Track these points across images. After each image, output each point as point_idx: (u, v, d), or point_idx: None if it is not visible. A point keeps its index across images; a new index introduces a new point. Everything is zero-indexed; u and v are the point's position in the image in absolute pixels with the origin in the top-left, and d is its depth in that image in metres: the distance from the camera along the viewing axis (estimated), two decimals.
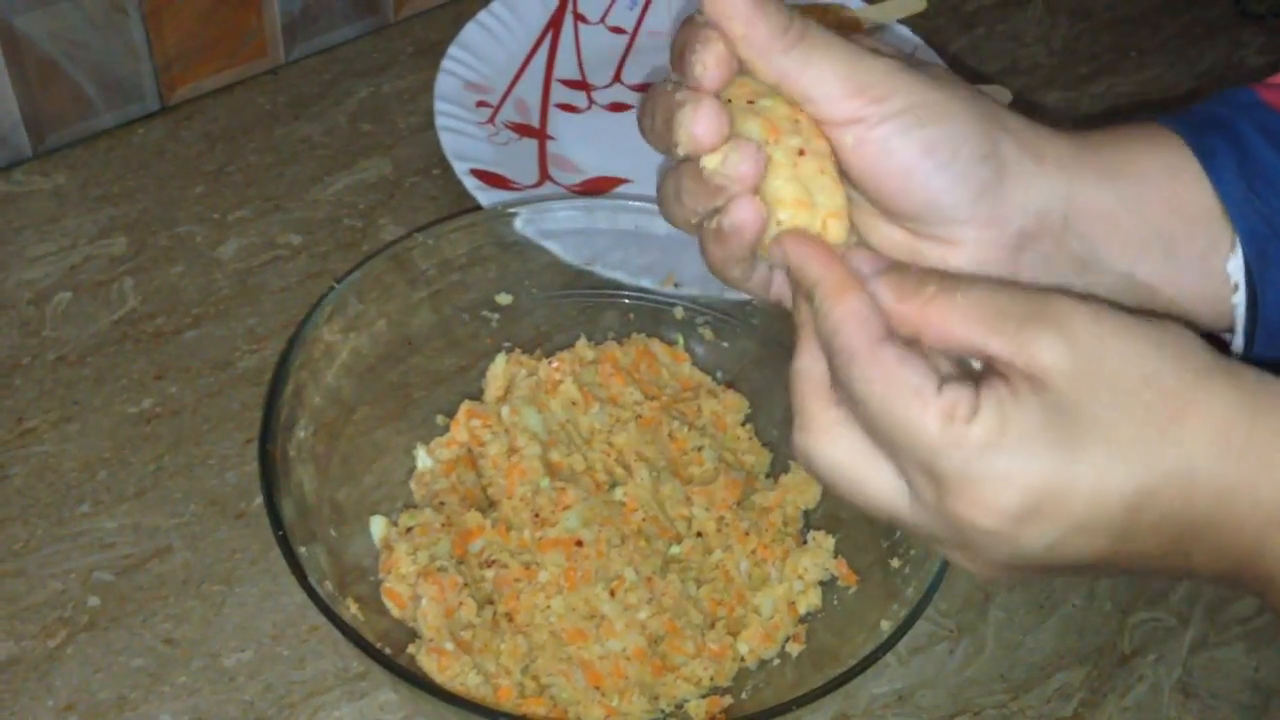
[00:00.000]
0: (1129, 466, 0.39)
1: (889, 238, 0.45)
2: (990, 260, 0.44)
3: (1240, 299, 0.47)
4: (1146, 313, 0.41)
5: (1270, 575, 0.41)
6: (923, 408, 0.39)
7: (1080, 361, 0.39)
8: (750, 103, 0.43)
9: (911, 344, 0.41)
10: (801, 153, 0.43)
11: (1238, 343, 0.48)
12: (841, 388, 0.41)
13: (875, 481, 0.41)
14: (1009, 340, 0.39)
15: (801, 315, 0.43)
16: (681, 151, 0.42)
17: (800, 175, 0.43)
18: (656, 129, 0.44)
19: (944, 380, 0.40)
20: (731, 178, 0.42)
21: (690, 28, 0.43)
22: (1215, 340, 0.45)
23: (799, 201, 0.43)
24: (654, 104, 0.44)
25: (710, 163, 0.42)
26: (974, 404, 0.39)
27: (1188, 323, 0.42)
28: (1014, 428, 0.39)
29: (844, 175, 0.44)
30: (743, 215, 0.42)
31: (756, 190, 0.43)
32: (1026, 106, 0.46)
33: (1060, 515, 0.39)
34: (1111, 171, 0.46)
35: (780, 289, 0.47)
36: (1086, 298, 0.41)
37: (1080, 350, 0.39)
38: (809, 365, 0.42)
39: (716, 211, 0.43)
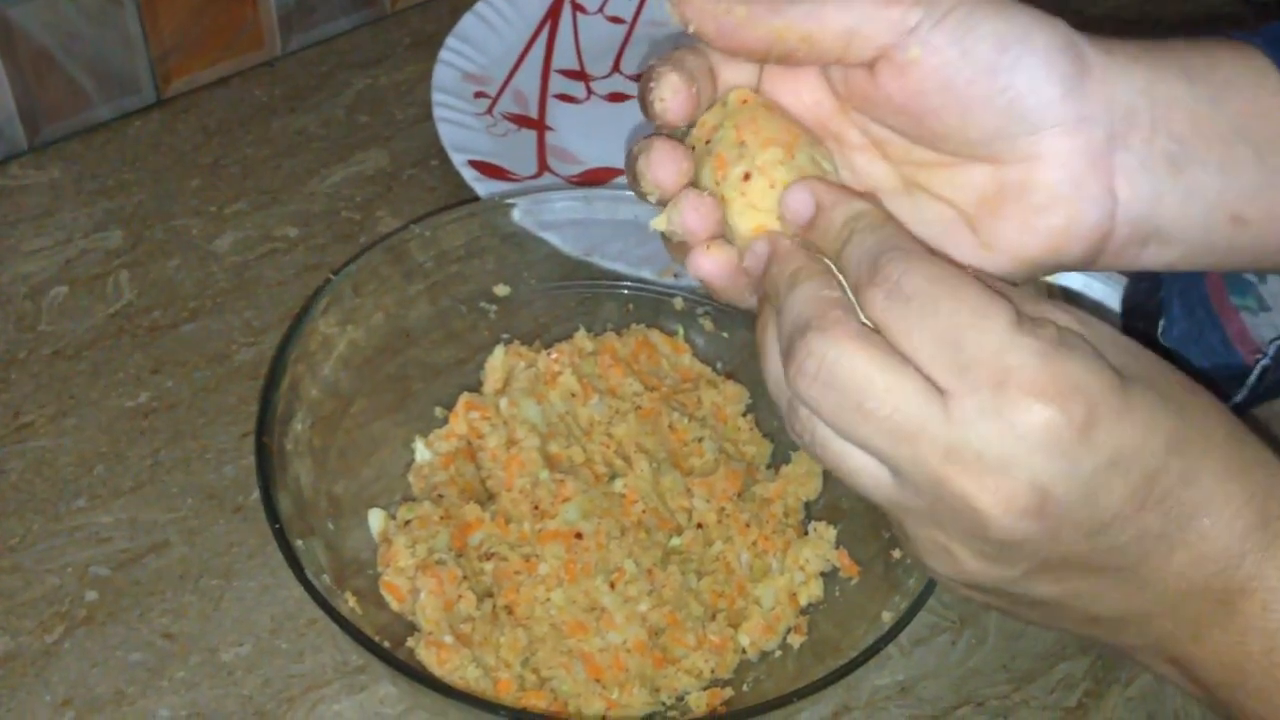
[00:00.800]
0: (1167, 415, 0.38)
1: (968, 186, 0.42)
2: (1087, 174, 0.41)
3: None
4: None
5: (1239, 593, 0.40)
6: (988, 304, 0.37)
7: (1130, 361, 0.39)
8: (707, 142, 0.43)
9: None
10: (746, 176, 0.42)
11: None
12: (881, 298, 0.38)
13: (902, 391, 0.37)
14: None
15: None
16: (653, 200, 0.42)
17: (752, 201, 0.42)
18: (641, 189, 0.44)
19: None
20: (684, 233, 0.42)
21: (646, 74, 0.42)
22: None
23: (759, 227, 0.42)
24: (629, 167, 0.44)
25: (658, 224, 0.42)
26: (1046, 323, 0.38)
27: None
28: (1082, 351, 0.37)
29: (911, 118, 0.41)
30: (704, 269, 0.42)
31: (715, 235, 0.43)
32: None
33: (1115, 430, 0.37)
34: (1189, 70, 0.43)
35: None
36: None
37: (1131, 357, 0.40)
38: (823, 289, 0.39)
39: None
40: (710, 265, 0.42)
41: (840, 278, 0.40)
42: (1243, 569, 0.40)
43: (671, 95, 0.41)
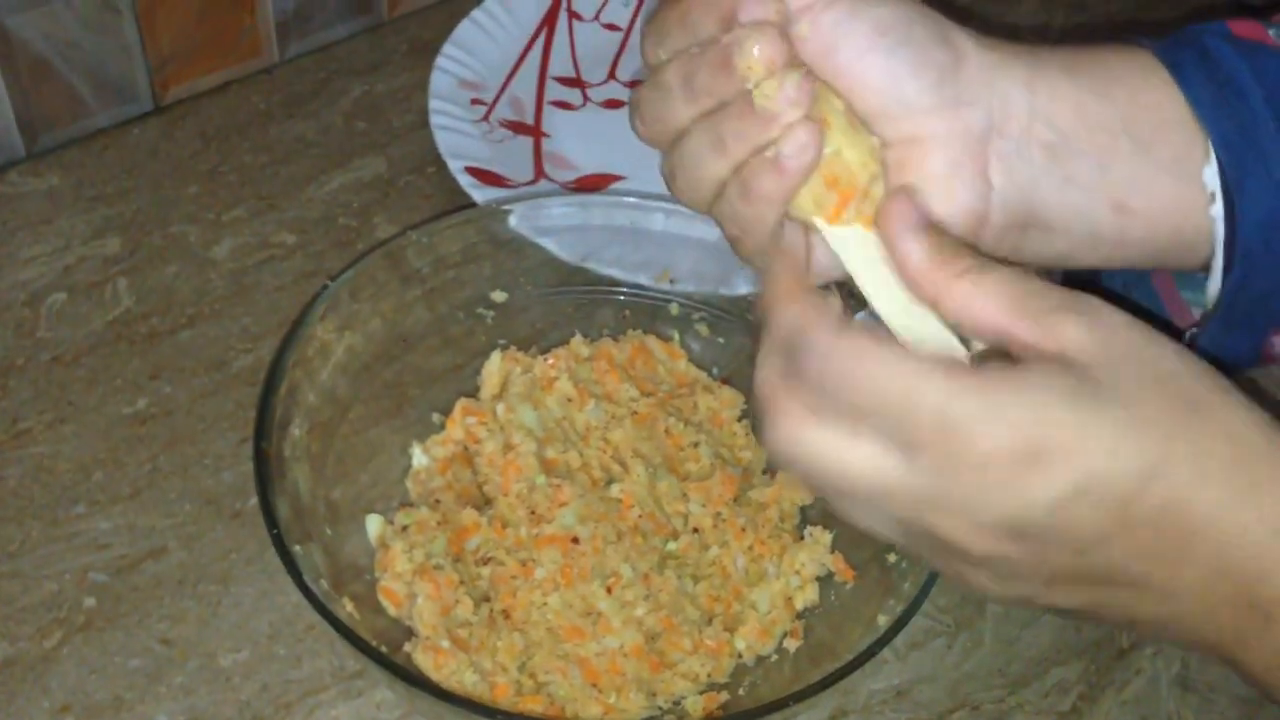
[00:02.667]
0: (1145, 440, 0.37)
1: None
2: (962, 158, 0.43)
3: (1218, 211, 0.46)
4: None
5: (1272, 603, 0.39)
6: (916, 366, 0.38)
7: (1108, 347, 0.38)
8: None
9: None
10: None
11: (1216, 264, 0.47)
12: (815, 376, 0.39)
13: (856, 456, 0.39)
14: (1035, 324, 0.39)
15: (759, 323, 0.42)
16: (748, 80, 0.42)
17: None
18: (698, 85, 0.43)
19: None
20: (791, 100, 0.42)
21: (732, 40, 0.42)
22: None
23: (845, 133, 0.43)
24: (687, 68, 0.43)
25: (768, 89, 0.42)
26: (975, 363, 0.39)
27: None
28: (1031, 383, 0.37)
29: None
30: (803, 136, 0.42)
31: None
32: None
33: (1070, 467, 0.37)
34: (1073, 66, 0.45)
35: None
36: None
37: (1108, 338, 0.38)
38: (770, 364, 0.40)
39: (759, 151, 0.43)
40: (813, 135, 0.42)
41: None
42: (1273, 581, 0.39)
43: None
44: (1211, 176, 0.46)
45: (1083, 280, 0.54)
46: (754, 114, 0.42)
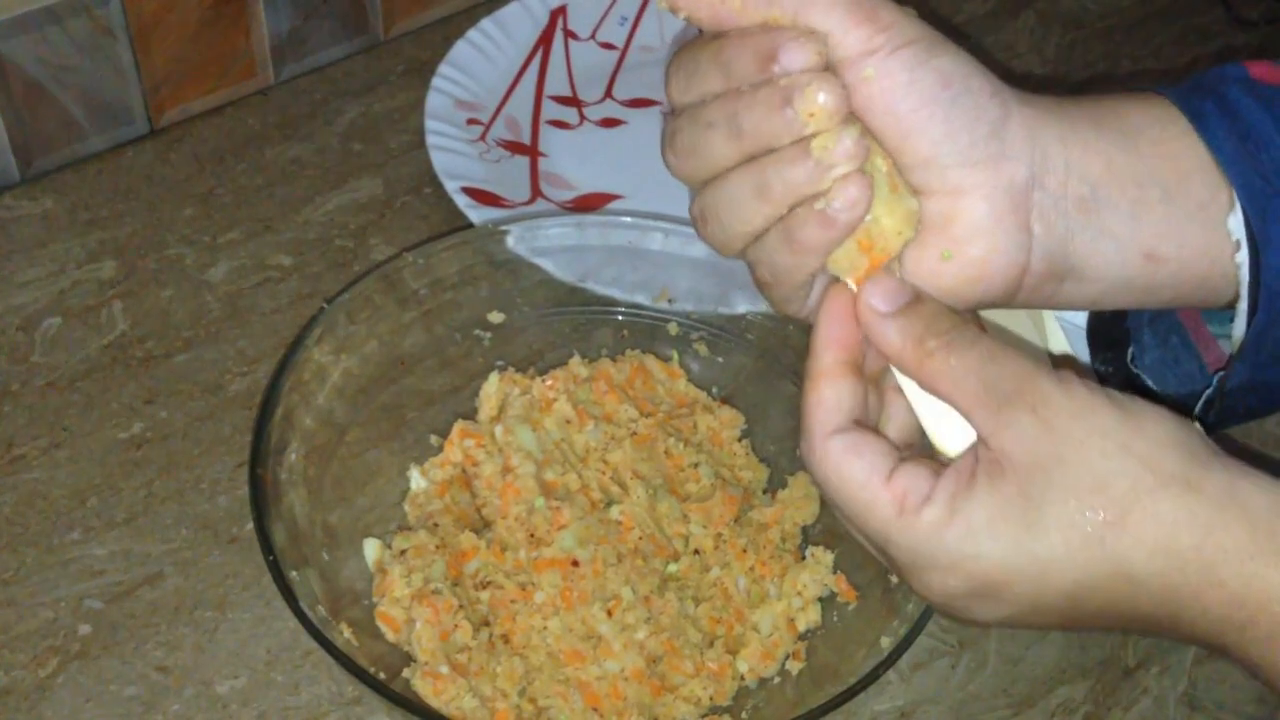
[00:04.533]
0: (1067, 566, 0.41)
1: None
2: (1005, 210, 0.44)
3: (1243, 257, 0.47)
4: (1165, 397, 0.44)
5: (1246, 663, 0.42)
6: (871, 499, 0.42)
7: (1043, 456, 0.41)
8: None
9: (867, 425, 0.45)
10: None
11: (1241, 308, 0.48)
12: (807, 460, 0.45)
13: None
14: (989, 418, 0.42)
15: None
16: (810, 127, 0.42)
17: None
18: (747, 125, 0.42)
19: (900, 462, 0.43)
20: (849, 154, 0.42)
21: (742, 36, 0.42)
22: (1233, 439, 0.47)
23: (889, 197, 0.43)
24: (734, 105, 0.42)
25: (827, 140, 0.41)
26: (926, 493, 0.42)
27: (1187, 410, 0.44)
28: (961, 519, 0.41)
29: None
30: (855, 192, 0.42)
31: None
32: None
33: (1006, 600, 0.42)
34: (1099, 121, 0.46)
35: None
36: (1075, 378, 0.42)
37: (1048, 443, 0.41)
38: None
39: (805, 202, 0.43)
40: (864, 190, 0.42)
41: None
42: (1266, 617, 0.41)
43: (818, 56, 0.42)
44: (1236, 225, 0.47)
45: (1103, 326, 0.55)
46: (807, 162, 0.42)
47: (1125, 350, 0.56)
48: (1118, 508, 0.41)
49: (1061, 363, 0.53)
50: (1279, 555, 0.40)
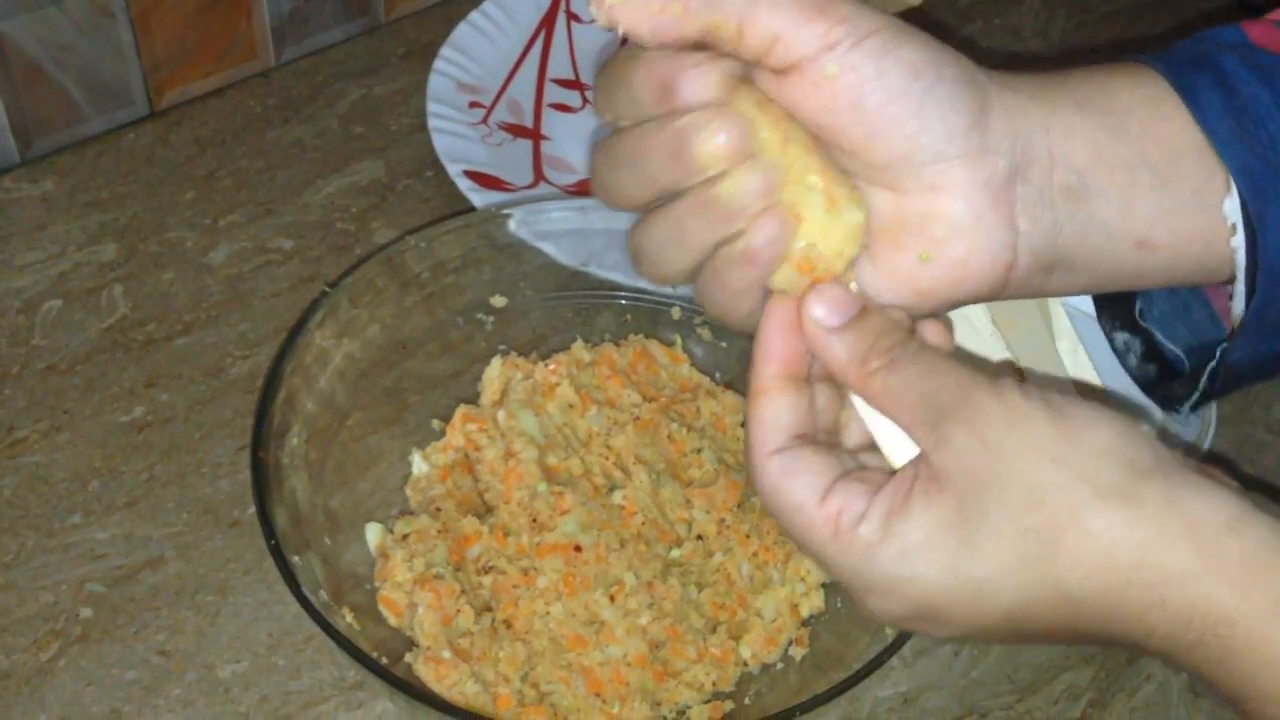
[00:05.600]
0: (1003, 587, 0.40)
1: (873, 207, 0.42)
2: (987, 206, 0.42)
3: (1239, 241, 0.45)
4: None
5: (1200, 680, 0.40)
6: (807, 521, 0.41)
7: (979, 472, 0.39)
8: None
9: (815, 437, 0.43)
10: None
11: (1239, 290, 0.46)
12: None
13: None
14: (927, 434, 0.40)
15: None
16: (708, 171, 0.40)
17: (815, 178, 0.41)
18: (650, 170, 0.41)
19: (838, 480, 0.41)
20: (757, 194, 0.40)
21: (647, 62, 0.40)
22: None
23: (829, 202, 0.41)
24: (636, 147, 0.41)
25: (730, 185, 0.40)
26: (860, 512, 0.40)
27: (1137, 412, 0.41)
28: (896, 540, 0.40)
29: (818, 133, 0.41)
30: (772, 228, 0.40)
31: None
32: None
33: (946, 622, 0.41)
34: (1085, 103, 0.44)
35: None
36: (1013, 388, 0.40)
37: (984, 458, 0.39)
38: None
39: (727, 241, 0.41)
40: (780, 227, 0.41)
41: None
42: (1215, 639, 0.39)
43: (718, 83, 0.40)
44: (1232, 208, 0.45)
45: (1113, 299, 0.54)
46: (716, 209, 0.40)
47: (1133, 305, 0.53)
48: (1052, 525, 0.39)
49: (1002, 369, 0.52)
50: (1225, 573, 0.38)
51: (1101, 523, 0.38)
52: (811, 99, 0.40)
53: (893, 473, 0.42)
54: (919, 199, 0.42)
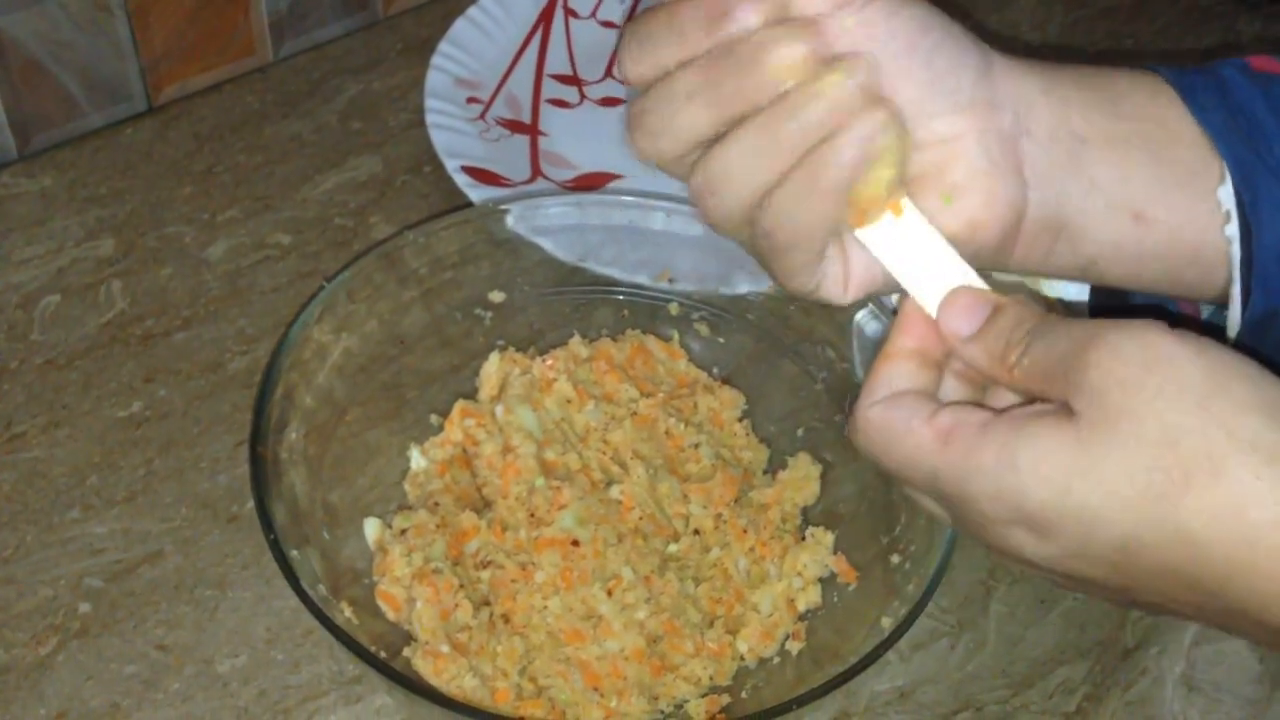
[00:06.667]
0: (1120, 518, 0.38)
1: None
2: (999, 155, 0.43)
3: (1234, 231, 0.46)
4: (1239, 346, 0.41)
5: None
6: (916, 440, 0.41)
7: (1112, 408, 0.38)
8: None
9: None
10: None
11: (1235, 290, 0.47)
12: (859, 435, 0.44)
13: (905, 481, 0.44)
14: (1064, 386, 0.40)
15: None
16: (788, 83, 0.41)
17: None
18: (723, 93, 0.41)
19: (945, 406, 0.42)
20: (861, 88, 0.41)
21: (691, 3, 0.41)
22: None
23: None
24: (702, 76, 0.41)
25: (833, 80, 0.40)
26: (976, 422, 0.41)
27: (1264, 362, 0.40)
28: (1012, 452, 0.39)
29: None
30: (881, 115, 0.41)
31: None
32: None
33: (1052, 540, 0.40)
34: (1083, 80, 0.46)
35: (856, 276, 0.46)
36: (1161, 331, 0.39)
37: (1117, 395, 0.38)
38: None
39: (825, 144, 0.41)
40: (882, 120, 0.42)
41: None
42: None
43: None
44: (1226, 195, 0.46)
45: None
46: (819, 105, 0.41)
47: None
48: (1185, 466, 0.37)
49: (1151, 312, 0.52)
50: None
51: (1239, 473, 0.37)
52: (831, 53, 0.42)
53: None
54: (936, 150, 0.43)
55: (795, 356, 0.65)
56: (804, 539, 0.61)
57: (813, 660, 0.57)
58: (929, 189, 0.44)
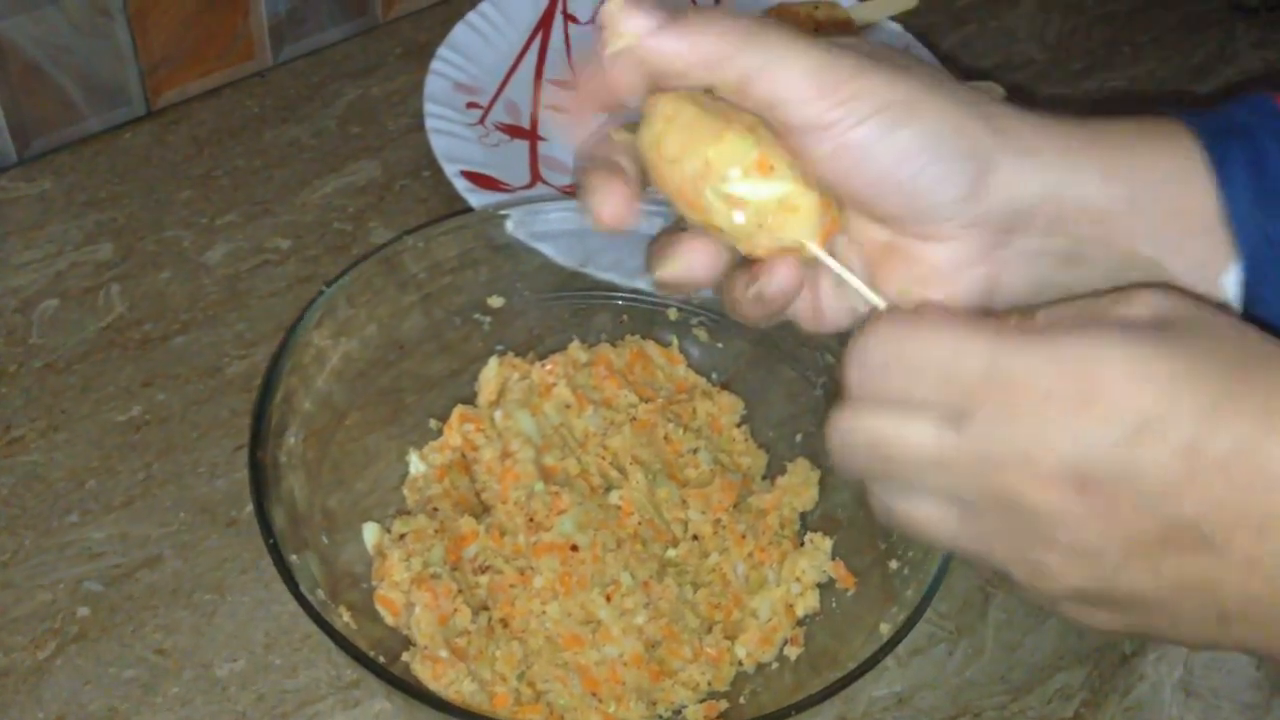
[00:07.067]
0: (1208, 383, 0.37)
1: (868, 235, 0.44)
2: (972, 260, 0.43)
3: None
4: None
5: None
6: (959, 337, 0.39)
7: (1172, 311, 0.38)
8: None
9: None
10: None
11: None
12: (866, 367, 0.40)
13: (910, 433, 0.40)
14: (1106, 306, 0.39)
15: None
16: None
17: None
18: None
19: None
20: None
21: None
22: None
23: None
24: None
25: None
26: (1032, 314, 0.39)
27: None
28: (1085, 329, 0.38)
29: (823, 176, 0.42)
30: (784, 277, 0.43)
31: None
32: (1021, 103, 0.45)
33: (1126, 409, 0.37)
34: (1110, 169, 0.44)
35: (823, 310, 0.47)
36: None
37: (1177, 307, 0.38)
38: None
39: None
40: (794, 276, 0.43)
41: None
42: None
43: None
44: (1230, 282, 0.45)
45: None
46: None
47: None
48: (1263, 352, 0.38)
49: None
50: None
51: None
52: (810, 155, 0.42)
53: None
54: (911, 242, 0.43)
55: (794, 362, 0.65)
56: (802, 544, 0.61)
57: (811, 666, 0.57)
58: (898, 268, 0.44)
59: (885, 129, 0.40)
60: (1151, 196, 0.44)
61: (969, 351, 0.38)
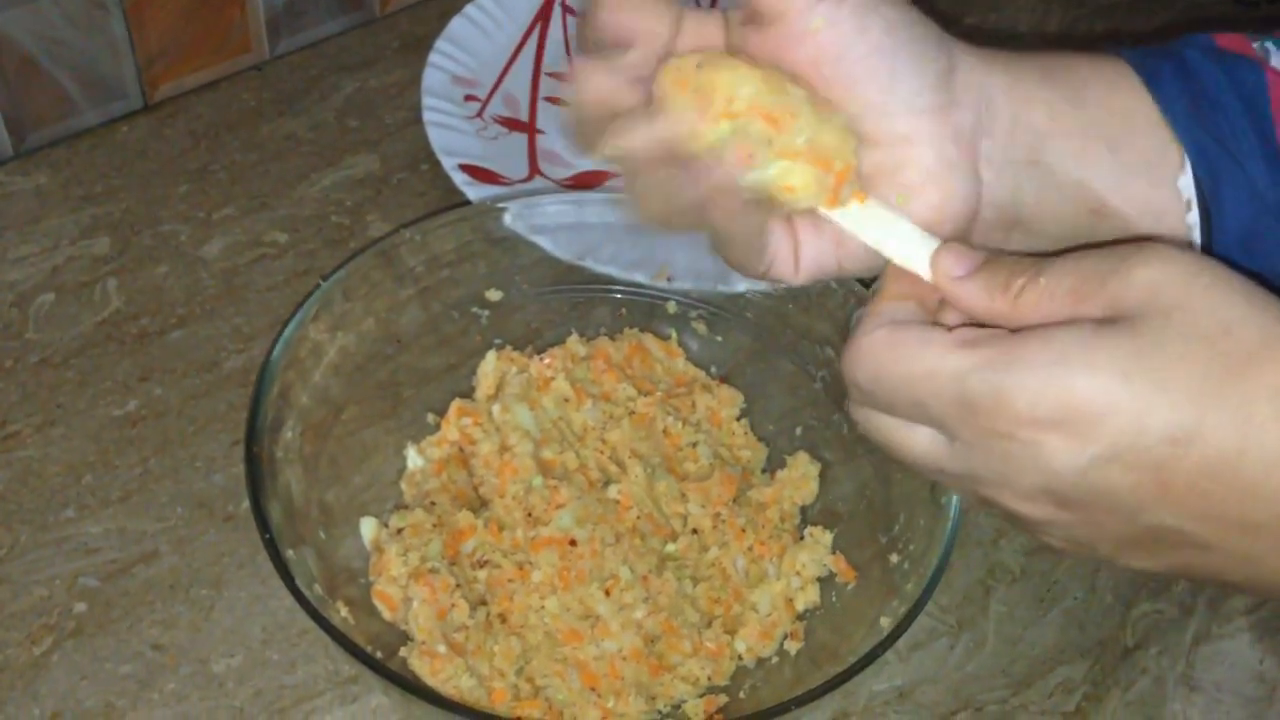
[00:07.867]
0: (1179, 403, 0.37)
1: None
2: (955, 155, 0.44)
3: (1194, 219, 0.47)
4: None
5: None
6: (939, 350, 0.40)
7: (1165, 300, 0.38)
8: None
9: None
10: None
11: None
12: (862, 378, 0.42)
13: (915, 441, 0.42)
14: (1099, 296, 0.39)
15: None
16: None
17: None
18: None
19: (956, 325, 0.41)
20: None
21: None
22: None
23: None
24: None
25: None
26: (1008, 331, 0.40)
27: None
28: (1072, 347, 0.38)
29: (805, 83, 0.43)
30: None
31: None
32: None
33: (1096, 434, 0.37)
34: (1046, 73, 0.46)
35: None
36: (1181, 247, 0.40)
37: (1166, 292, 0.38)
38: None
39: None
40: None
41: None
42: None
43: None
44: (1186, 184, 0.47)
45: None
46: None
47: None
48: (1244, 350, 0.37)
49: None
50: None
51: None
52: (796, 51, 0.43)
53: None
54: (892, 151, 0.44)
55: (793, 355, 0.65)
56: (802, 538, 0.60)
57: (811, 660, 0.57)
58: (887, 184, 0.44)
59: (870, 3, 0.43)
60: (1094, 98, 0.47)
61: (942, 373, 0.39)
